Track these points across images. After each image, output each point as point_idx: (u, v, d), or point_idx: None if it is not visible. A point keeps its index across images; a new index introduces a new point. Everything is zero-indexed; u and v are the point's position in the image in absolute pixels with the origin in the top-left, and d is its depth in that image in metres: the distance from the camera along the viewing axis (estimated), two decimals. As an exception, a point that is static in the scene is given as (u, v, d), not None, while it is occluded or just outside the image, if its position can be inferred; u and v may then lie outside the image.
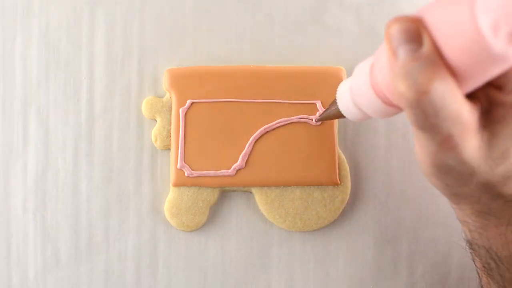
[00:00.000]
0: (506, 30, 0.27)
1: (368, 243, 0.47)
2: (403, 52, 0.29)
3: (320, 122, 0.45)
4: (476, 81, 0.29)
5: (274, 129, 0.45)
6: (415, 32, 0.29)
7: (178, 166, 0.45)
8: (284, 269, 0.47)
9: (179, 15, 0.46)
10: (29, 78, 0.46)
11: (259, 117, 0.45)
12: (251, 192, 0.46)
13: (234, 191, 0.46)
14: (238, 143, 0.45)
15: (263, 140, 0.45)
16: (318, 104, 0.45)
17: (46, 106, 0.46)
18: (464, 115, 0.30)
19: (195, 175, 0.45)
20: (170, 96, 0.46)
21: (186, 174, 0.45)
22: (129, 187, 0.46)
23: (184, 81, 0.45)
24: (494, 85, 0.30)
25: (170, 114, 0.45)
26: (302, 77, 0.45)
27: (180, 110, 0.45)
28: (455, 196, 0.35)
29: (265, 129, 0.45)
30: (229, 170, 0.45)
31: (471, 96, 0.31)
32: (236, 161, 0.45)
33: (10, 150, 0.46)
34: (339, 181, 0.45)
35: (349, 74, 0.45)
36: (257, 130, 0.45)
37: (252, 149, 0.45)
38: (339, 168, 0.46)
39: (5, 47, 0.46)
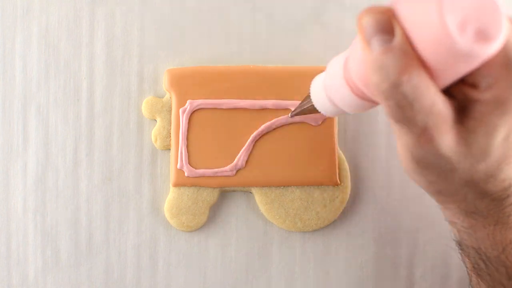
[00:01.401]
0: (474, 28, 0.28)
1: (368, 243, 0.47)
2: (376, 43, 0.29)
3: (294, 117, 0.44)
4: (448, 77, 0.30)
5: (274, 129, 0.45)
6: (387, 23, 0.29)
7: (178, 166, 0.45)
8: (284, 269, 0.47)
9: (179, 15, 0.46)
10: (29, 78, 0.46)
11: (259, 117, 0.45)
12: (251, 192, 0.46)
13: (234, 191, 0.46)
14: (238, 143, 0.45)
15: (263, 140, 0.45)
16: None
17: (46, 106, 0.46)
18: (438, 106, 0.30)
19: (196, 175, 0.45)
20: (170, 96, 0.46)
21: (186, 174, 0.45)
22: (129, 187, 0.46)
23: (184, 81, 0.45)
24: (469, 83, 0.31)
25: (170, 114, 0.45)
26: (302, 77, 0.45)
27: (180, 110, 0.45)
28: (440, 194, 0.35)
29: (265, 128, 0.45)
30: (229, 170, 0.45)
31: (446, 93, 0.31)
32: (236, 161, 0.45)
33: (10, 150, 0.46)
34: (339, 181, 0.45)
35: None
36: (257, 130, 0.45)
37: (252, 149, 0.45)
38: (339, 168, 0.46)
39: (5, 47, 0.46)
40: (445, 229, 0.39)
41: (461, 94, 0.31)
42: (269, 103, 0.45)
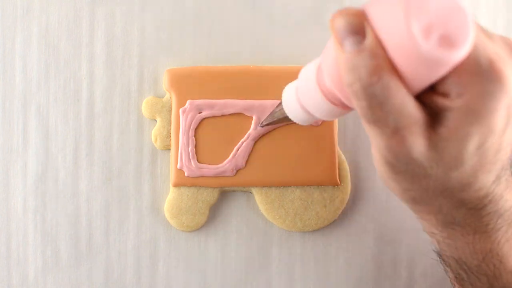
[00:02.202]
0: (439, 34, 0.28)
1: (368, 243, 0.47)
2: (348, 44, 0.30)
3: (266, 126, 0.44)
4: (417, 82, 0.30)
5: (274, 129, 0.45)
6: (359, 25, 0.30)
7: (178, 166, 0.45)
8: (284, 269, 0.47)
9: (179, 15, 0.46)
10: (29, 78, 0.46)
11: (260, 117, 0.45)
12: (251, 193, 0.46)
13: (234, 191, 0.46)
14: (238, 143, 0.45)
15: (263, 140, 0.45)
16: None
17: (46, 106, 0.46)
18: (409, 107, 0.30)
19: (196, 174, 0.45)
20: (170, 96, 0.46)
21: (186, 174, 0.45)
22: (129, 187, 0.46)
23: (184, 81, 0.45)
24: (440, 91, 0.30)
25: (170, 114, 0.45)
26: (302, 77, 0.45)
27: (180, 110, 0.45)
28: (415, 202, 0.35)
29: (265, 128, 0.45)
30: (229, 170, 0.45)
31: (418, 101, 0.31)
32: (236, 162, 0.45)
33: (10, 150, 0.46)
34: (339, 181, 0.45)
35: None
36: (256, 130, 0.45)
37: (252, 149, 0.45)
38: (339, 168, 0.46)
39: (5, 47, 0.46)
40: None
41: (432, 103, 0.31)
42: (269, 103, 0.45)
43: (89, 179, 0.46)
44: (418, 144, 0.31)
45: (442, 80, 0.30)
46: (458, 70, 0.29)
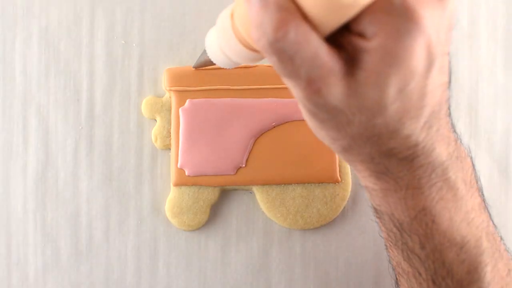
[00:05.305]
0: None
1: (368, 243, 0.47)
2: None
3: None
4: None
5: (274, 127, 0.45)
6: None
7: (179, 165, 0.45)
8: (284, 269, 0.47)
9: (179, 15, 0.47)
10: (29, 78, 0.46)
11: (259, 116, 0.45)
12: (251, 191, 0.46)
13: (235, 190, 0.46)
14: (238, 142, 0.45)
15: (263, 138, 0.45)
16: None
17: (46, 106, 0.46)
18: (321, 58, 0.29)
19: (197, 173, 0.45)
20: (169, 96, 0.46)
21: (186, 173, 0.45)
22: (129, 187, 0.46)
23: (184, 81, 0.45)
24: (356, 31, 0.29)
25: (170, 113, 0.46)
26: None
27: (180, 109, 0.45)
28: (345, 152, 0.34)
29: (265, 126, 0.45)
30: (230, 169, 0.45)
31: (336, 45, 0.30)
32: (237, 160, 0.45)
33: (10, 150, 0.46)
34: (339, 179, 0.45)
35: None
36: (257, 129, 0.45)
37: (253, 147, 0.45)
38: (339, 165, 0.46)
39: (5, 47, 0.46)
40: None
41: (350, 45, 0.29)
42: (269, 101, 0.45)
43: (89, 179, 0.46)
44: (335, 92, 0.30)
45: (358, 19, 0.29)
46: (372, 8, 0.28)
